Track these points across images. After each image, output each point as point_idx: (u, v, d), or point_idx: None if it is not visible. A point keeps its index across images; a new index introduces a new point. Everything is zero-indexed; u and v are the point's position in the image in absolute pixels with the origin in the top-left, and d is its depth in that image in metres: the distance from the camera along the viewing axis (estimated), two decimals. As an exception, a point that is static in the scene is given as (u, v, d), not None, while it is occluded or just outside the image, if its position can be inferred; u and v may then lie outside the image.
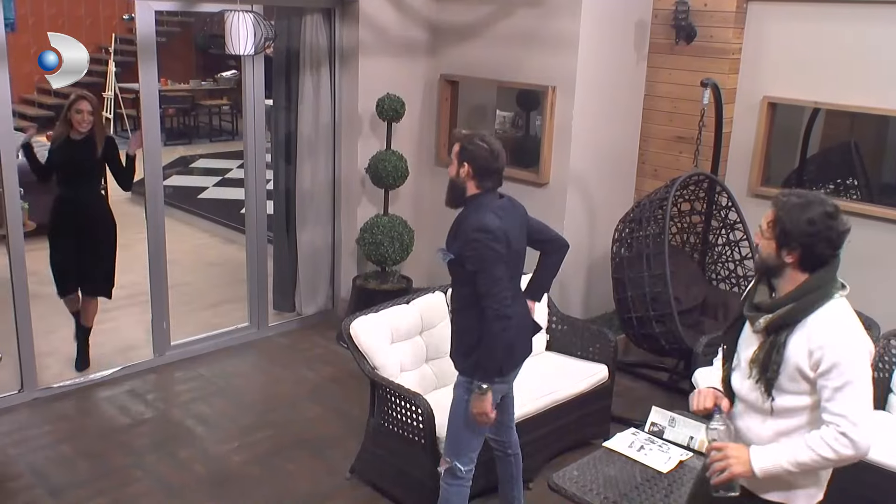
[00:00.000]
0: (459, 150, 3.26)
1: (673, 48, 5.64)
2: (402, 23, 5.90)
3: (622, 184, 5.98)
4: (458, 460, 3.36)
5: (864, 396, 2.29)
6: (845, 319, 2.35)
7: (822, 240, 2.33)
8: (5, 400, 4.70)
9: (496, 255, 3.12)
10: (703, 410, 2.59)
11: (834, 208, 2.36)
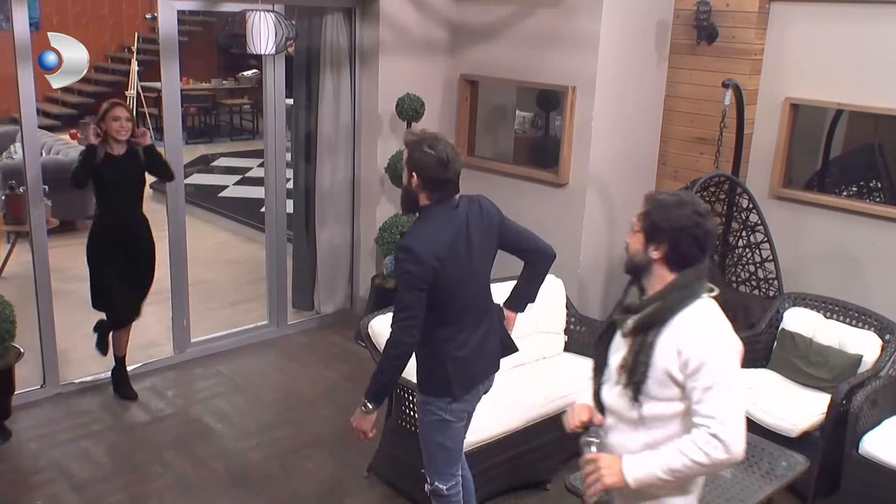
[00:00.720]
0: (407, 157, 3.01)
1: (694, 49, 5.60)
2: (423, 22, 5.91)
3: (642, 185, 5.95)
4: (438, 480, 3.29)
5: (733, 397, 2.23)
6: (713, 319, 2.32)
7: (689, 236, 2.32)
8: (28, 395, 4.75)
9: (409, 279, 2.91)
10: (578, 426, 2.56)
11: (705, 211, 2.37)
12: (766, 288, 5.35)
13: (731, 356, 2.28)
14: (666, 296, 2.34)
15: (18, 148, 7.26)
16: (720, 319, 2.33)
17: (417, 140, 3.03)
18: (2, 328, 4.23)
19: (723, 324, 2.33)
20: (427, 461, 3.32)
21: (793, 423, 3.98)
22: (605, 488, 2.34)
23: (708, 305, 2.34)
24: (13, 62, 4.40)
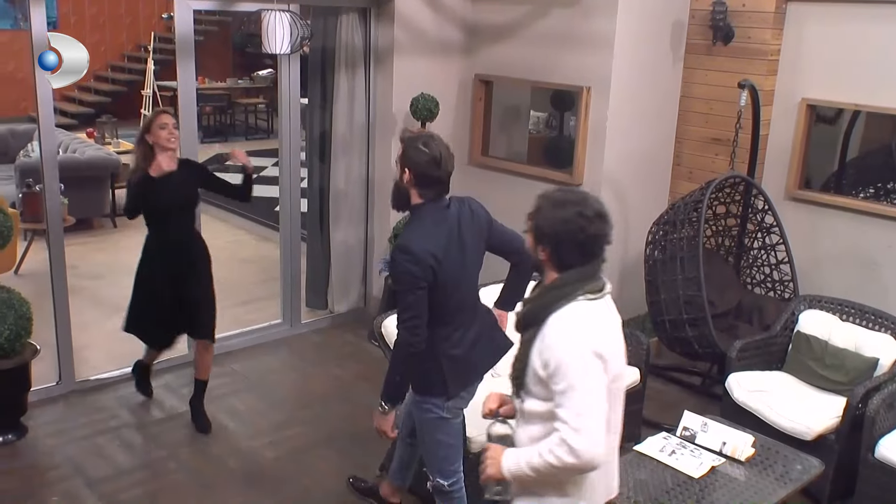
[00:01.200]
0: (401, 153, 3.07)
1: (710, 49, 5.58)
2: (438, 22, 5.91)
3: (656, 185, 5.93)
4: (439, 476, 3.33)
5: (586, 403, 2.19)
6: (575, 322, 2.26)
7: (569, 241, 2.28)
8: (44, 392, 4.78)
9: (410, 280, 2.95)
10: (487, 413, 2.58)
11: (594, 212, 2.30)
12: (781, 290, 5.32)
13: (582, 362, 2.21)
14: (543, 296, 2.34)
15: (35, 146, 7.33)
16: (583, 323, 2.26)
17: (413, 137, 3.09)
18: (18, 325, 4.27)
19: (583, 328, 2.25)
20: (428, 459, 3.36)
21: (808, 426, 3.96)
22: (487, 478, 2.38)
23: (577, 308, 2.28)
24: (31, 61, 4.43)
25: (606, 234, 2.33)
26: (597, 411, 2.21)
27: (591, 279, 2.33)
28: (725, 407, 4.31)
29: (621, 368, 2.38)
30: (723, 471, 3.40)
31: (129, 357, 5.32)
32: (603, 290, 2.35)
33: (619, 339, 2.40)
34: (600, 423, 2.21)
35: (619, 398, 2.39)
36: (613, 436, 2.41)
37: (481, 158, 6.19)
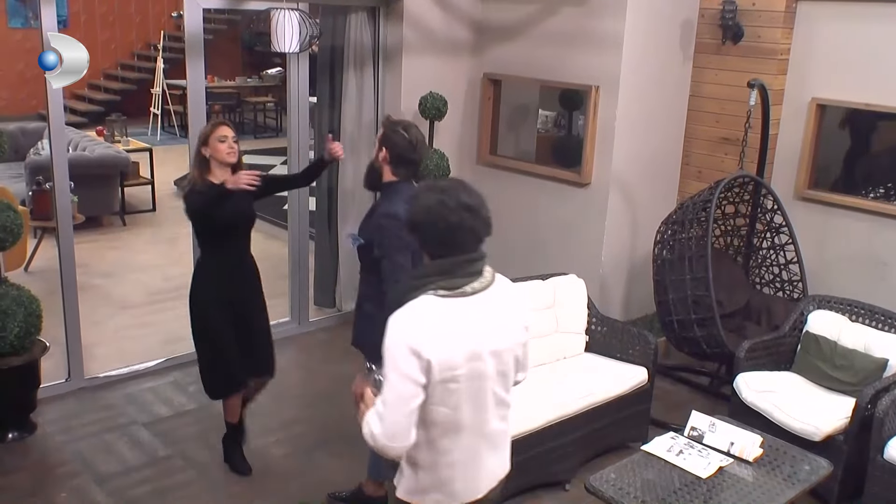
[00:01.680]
0: (382, 135, 3.36)
1: (719, 48, 5.56)
2: (447, 21, 5.91)
3: (665, 185, 5.92)
4: None
5: (390, 395, 2.21)
6: (406, 316, 2.23)
7: (429, 230, 2.26)
8: (53, 388, 4.81)
9: (399, 243, 3.13)
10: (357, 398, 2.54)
11: (457, 203, 2.25)
12: (790, 290, 5.30)
13: (400, 355, 2.19)
14: (403, 286, 2.34)
15: (46, 144, 7.37)
16: (415, 318, 2.23)
17: (395, 122, 3.42)
18: (28, 322, 4.29)
19: (412, 323, 2.22)
20: None
21: (816, 426, 3.94)
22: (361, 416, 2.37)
23: (422, 303, 2.24)
24: (42, 59, 4.46)
25: (472, 227, 2.26)
26: (396, 405, 2.21)
27: (449, 274, 2.25)
28: (733, 407, 4.30)
29: (476, 370, 2.29)
30: (731, 471, 3.39)
31: (137, 355, 5.35)
32: (463, 288, 2.26)
33: (482, 340, 2.29)
34: (398, 417, 2.21)
35: (474, 398, 2.31)
36: (464, 434, 2.34)
37: (490, 157, 6.19)
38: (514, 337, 2.40)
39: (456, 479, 2.37)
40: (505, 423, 2.47)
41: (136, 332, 5.54)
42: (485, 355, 2.30)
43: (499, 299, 2.37)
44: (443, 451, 2.34)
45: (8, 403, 4.39)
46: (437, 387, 2.23)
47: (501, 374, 2.38)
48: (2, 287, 4.27)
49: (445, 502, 2.39)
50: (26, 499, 3.91)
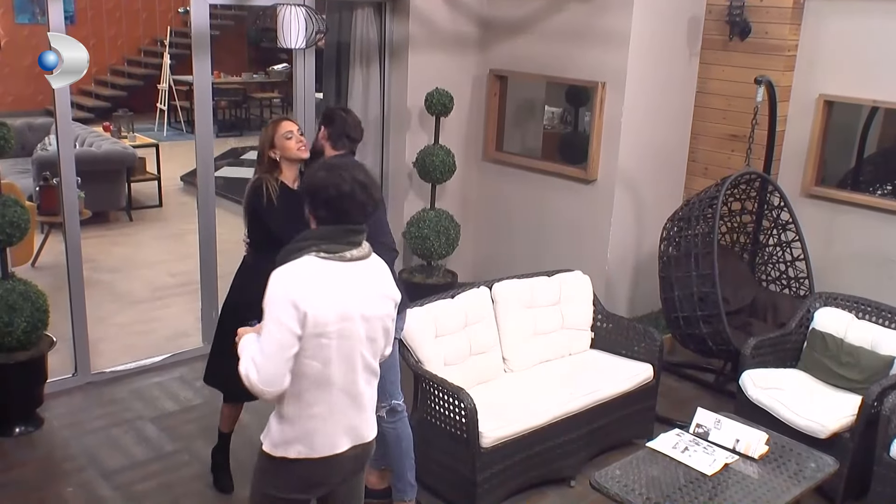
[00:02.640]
0: (322, 116, 3.62)
1: (727, 45, 5.55)
2: (453, 17, 5.90)
3: (671, 182, 5.91)
4: (394, 399, 3.59)
5: (267, 339, 2.39)
6: (288, 271, 2.42)
7: (320, 197, 2.47)
8: (60, 383, 4.82)
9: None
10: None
11: (351, 177, 2.46)
12: (796, 287, 5.29)
13: (280, 307, 2.38)
14: (288, 247, 2.51)
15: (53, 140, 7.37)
16: (297, 274, 2.42)
17: (337, 107, 3.72)
18: (35, 317, 4.30)
19: (294, 277, 2.41)
20: (382, 386, 3.32)
21: (822, 424, 3.94)
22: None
23: (303, 262, 2.44)
24: (49, 55, 4.47)
25: (362, 202, 2.47)
26: (275, 354, 2.39)
27: (331, 240, 2.47)
28: (739, 404, 4.30)
29: (347, 330, 2.47)
30: (736, 468, 3.38)
31: (144, 350, 5.36)
32: (342, 253, 2.47)
33: (354, 303, 2.48)
34: (276, 364, 2.39)
35: (344, 357, 2.49)
36: (330, 390, 2.50)
37: (495, 154, 6.19)
38: (383, 307, 2.59)
39: (318, 432, 2.53)
40: (371, 389, 2.65)
41: (142, 327, 5.54)
42: (356, 317, 2.49)
43: (373, 271, 2.58)
44: (308, 404, 2.50)
45: (15, 398, 4.41)
46: (310, 340, 2.41)
47: (371, 340, 2.56)
48: (9, 282, 4.29)
49: (306, 454, 2.54)
50: (33, 493, 3.93)
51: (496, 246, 6.29)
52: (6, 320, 4.19)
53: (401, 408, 3.61)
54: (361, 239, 2.53)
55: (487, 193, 6.30)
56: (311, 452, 2.55)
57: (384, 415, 3.55)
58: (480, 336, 4.25)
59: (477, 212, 6.34)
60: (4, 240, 4.16)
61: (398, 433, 3.63)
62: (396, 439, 3.63)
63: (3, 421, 4.40)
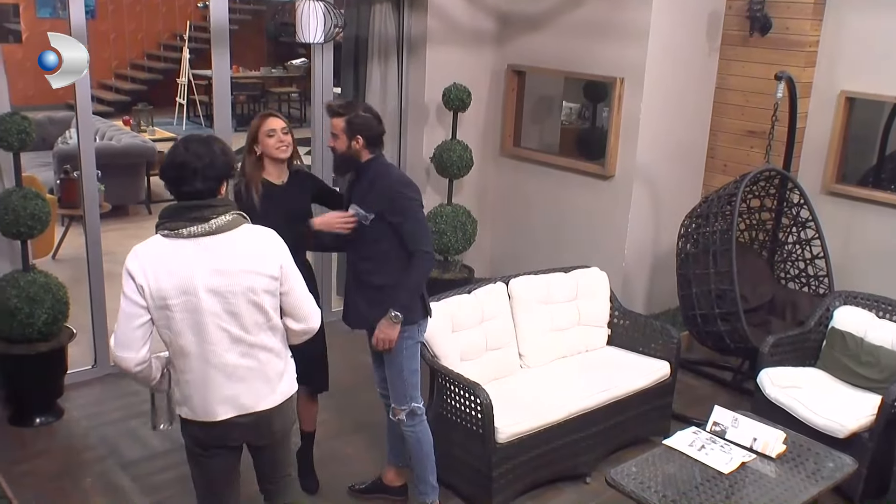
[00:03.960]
0: (346, 125, 3.36)
1: (747, 40, 5.50)
2: (471, 12, 5.89)
3: (690, 178, 5.88)
4: (414, 402, 3.57)
5: (121, 309, 2.60)
6: (133, 249, 2.62)
7: (166, 175, 2.63)
8: (80, 375, 4.87)
9: (419, 205, 3.42)
10: None
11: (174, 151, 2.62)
12: (815, 285, 5.25)
13: (124, 278, 2.60)
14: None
15: (73, 133, 7.45)
16: (139, 250, 2.61)
17: (348, 106, 3.42)
18: (55, 309, 4.35)
19: (136, 253, 2.61)
20: (403, 390, 3.55)
21: (841, 423, 3.91)
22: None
23: (150, 240, 2.63)
24: (70, 49, 4.50)
25: (180, 177, 2.58)
26: (124, 320, 2.60)
27: (171, 218, 2.60)
28: (757, 403, 4.27)
29: (190, 303, 2.59)
30: (753, 467, 3.37)
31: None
32: (180, 230, 2.57)
33: (194, 277, 2.58)
34: (126, 330, 2.60)
35: (198, 330, 2.62)
36: (192, 360, 2.66)
37: (513, 149, 6.18)
38: (244, 280, 2.62)
39: (193, 397, 2.71)
40: (250, 360, 2.70)
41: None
42: (200, 292, 2.58)
43: (229, 245, 2.63)
44: (180, 370, 2.71)
45: (36, 388, 4.46)
46: (156, 311, 2.60)
47: (231, 314, 2.63)
48: (30, 274, 4.33)
49: (191, 416, 2.75)
50: (53, 482, 3.98)
51: (513, 241, 6.28)
52: (27, 312, 4.23)
53: (420, 411, 3.59)
54: (207, 214, 2.58)
55: (504, 189, 6.29)
56: (193, 415, 2.74)
57: (404, 418, 3.57)
58: (497, 332, 4.25)
59: (494, 207, 6.33)
60: (25, 232, 4.21)
61: (418, 436, 3.61)
62: (417, 442, 3.62)
63: (24, 411, 4.46)
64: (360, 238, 3.46)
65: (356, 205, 3.44)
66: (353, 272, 3.59)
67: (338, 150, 3.41)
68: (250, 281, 2.63)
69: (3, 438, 4.30)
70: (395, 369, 3.54)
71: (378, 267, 3.45)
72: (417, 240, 3.38)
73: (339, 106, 3.43)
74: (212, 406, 2.71)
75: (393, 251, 3.40)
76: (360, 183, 3.46)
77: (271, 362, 2.76)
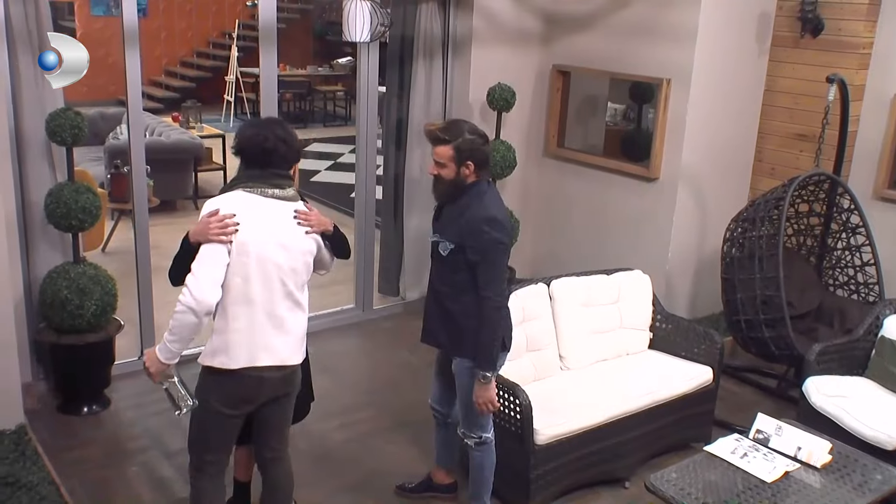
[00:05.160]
0: (455, 153, 3.20)
1: (798, 42, 5.41)
2: (517, 12, 5.88)
3: (736, 181, 5.79)
4: (483, 432, 3.51)
5: (205, 253, 2.83)
6: (217, 198, 2.92)
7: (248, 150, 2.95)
8: (126, 366, 4.96)
9: (503, 248, 3.23)
10: None
11: (273, 134, 2.91)
12: (865, 293, 5.13)
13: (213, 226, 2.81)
14: (225, 186, 3.05)
15: (124, 129, 7.59)
16: (224, 200, 2.89)
17: (453, 129, 3.23)
18: (104, 301, 4.44)
19: (221, 201, 2.88)
20: (475, 419, 3.50)
21: (889, 434, 3.82)
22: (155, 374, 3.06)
23: (231, 193, 2.91)
24: (121, 47, 4.60)
25: (280, 151, 2.92)
26: (206, 265, 2.81)
27: (255, 179, 2.92)
28: (802, 411, 4.20)
29: (265, 252, 2.87)
30: (797, 476, 3.31)
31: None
32: (265, 189, 2.91)
33: (268, 231, 2.89)
34: (205, 273, 2.81)
35: (262, 277, 2.88)
36: (251, 307, 2.88)
37: (557, 150, 6.15)
38: (305, 242, 2.99)
39: (240, 344, 2.89)
40: (294, 317, 3.00)
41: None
42: (273, 242, 2.89)
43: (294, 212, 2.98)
44: (232, 318, 2.88)
45: (84, 378, 4.56)
46: (234, 257, 2.82)
47: (292, 270, 2.94)
48: (80, 266, 4.43)
49: (227, 363, 2.91)
50: (99, 471, 4.06)
51: (555, 242, 6.26)
52: (77, 303, 4.33)
53: (490, 440, 3.55)
54: (285, 184, 2.96)
55: (548, 189, 6.27)
56: (233, 363, 2.90)
57: (472, 444, 3.55)
58: (537, 332, 4.24)
59: (537, 208, 6.31)
60: (77, 225, 4.30)
61: (482, 461, 3.59)
62: (479, 466, 3.60)
63: (73, 400, 4.56)
64: (438, 261, 3.37)
65: (438, 233, 3.33)
66: (433, 290, 3.49)
67: (445, 178, 3.25)
68: (308, 244, 2.99)
69: (53, 426, 4.40)
70: (470, 401, 3.43)
71: (456, 294, 3.34)
72: (487, 284, 3.21)
73: (443, 131, 3.25)
74: (257, 352, 2.92)
75: (469, 284, 3.27)
76: (453, 206, 3.31)
77: (303, 322, 3.07)
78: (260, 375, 2.95)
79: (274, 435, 3.19)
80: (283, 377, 3.02)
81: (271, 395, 3.04)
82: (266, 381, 2.98)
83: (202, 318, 2.83)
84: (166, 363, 2.94)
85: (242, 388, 2.97)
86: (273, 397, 3.05)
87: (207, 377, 2.99)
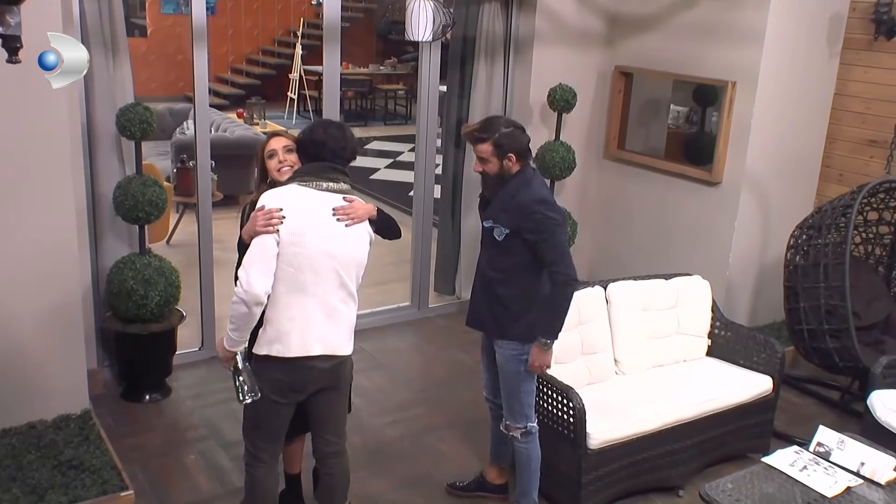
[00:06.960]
0: (494, 148, 3.30)
1: (871, 44, 5.25)
2: (580, 12, 5.84)
3: (802, 187, 5.65)
4: (529, 421, 3.55)
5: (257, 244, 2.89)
6: (270, 192, 3.00)
7: (308, 147, 3.07)
8: (187, 356, 5.09)
9: (558, 225, 3.30)
10: None
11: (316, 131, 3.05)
12: (936, 305, 4.96)
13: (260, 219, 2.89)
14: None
15: (190, 125, 7.77)
16: (280, 193, 2.96)
17: (488, 127, 3.34)
18: (168, 292, 4.55)
19: (278, 195, 2.95)
20: (520, 409, 3.54)
21: (958, 452, 3.68)
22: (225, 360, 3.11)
23: (288, 186, 3.00)
24: (190, 44, 4.71)
25: (329, 144, 3.02)
26: (257, 255, 2.88)
27: (309, 173, 3.01)
28: (866, 425, 4.07)
29: (317, 243, 2.93)
30: (859, 492, 3.21)
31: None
32: (318, 183, 2.98)
33: (320, 222, 2.95)
34: (257, 265, 2.87)
35: (315, 267, 2.94)
36: (304, 297, 2.95)
37: (617, 152, 6.09)
38: (358, 234, 3.03)
39: (292, 333, 2.96)
40: (346, 308, 3.06)
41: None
42: (327, 234, 2.95)
43: None
44: (285, 307, 2.94)
45: (147, 367, 4.69)
46: (286, 247, 2.89)
47: (346, 262, 3.00)
48: (145, 258, 4.55)
49: (282, 352, 2.98)
50: (158, 458, 4.17)
51: (613, 245, 6.19)
52: (142, 293, 4.45)
53: (534, 430, 3.59)
54: (339, 177, 3.03)
55: (607, 192, 6.21)
56: (286, 352, 2.97)
57: (518, 435, 3.58)
58: (593, 335, 4.20)
59: (595, 210, 6.26)
60: (143, 217, 4.42)
61: (529, 453, 3.61)
62: (527, 459, 3.62)
63: (136, 387, 4.69)
64: (492, 247, 3.43)
65: (491, 219, 3.40)
66: (482, 276, 3.54)
67: (490, 173, 3.36)
68: (360, 234, 3.04)
69: (117, 412, 4.53)
70: (513, 389, 3.51)
71: (507, 279, 3.41)
72: (554, 261, 3.28)
73: (480, 130, 3.34)
74: (309, 342, 2.99)
75: (524, 267, 3.35)
76: (505, 193, 3.38)
77: (353, 315, 3.11)
78: (311, 365, 3.03)
79: (326, 427, 3.25)
80: (332, 367, 3.08)
81: (320, 385, 3.10)
82: (316, 371, 3.05)
83: (252, 308, 2.88)
84: (232, 350, 3.00)
85: (294, 377, 3.04)
86: (321, 387, 3.12)
87: (260, 366, 3.06)
